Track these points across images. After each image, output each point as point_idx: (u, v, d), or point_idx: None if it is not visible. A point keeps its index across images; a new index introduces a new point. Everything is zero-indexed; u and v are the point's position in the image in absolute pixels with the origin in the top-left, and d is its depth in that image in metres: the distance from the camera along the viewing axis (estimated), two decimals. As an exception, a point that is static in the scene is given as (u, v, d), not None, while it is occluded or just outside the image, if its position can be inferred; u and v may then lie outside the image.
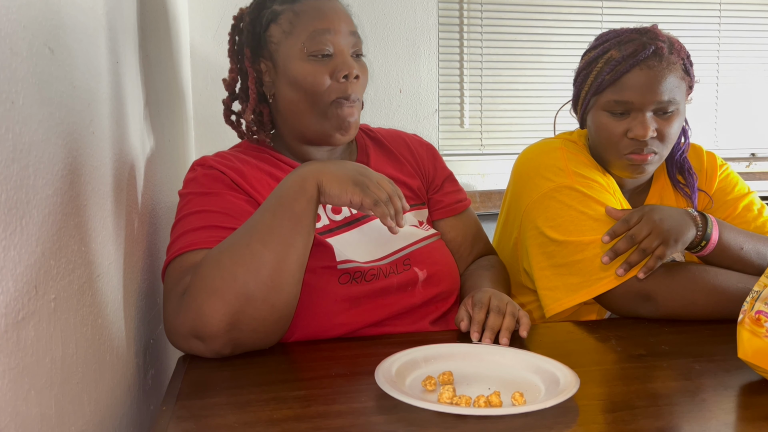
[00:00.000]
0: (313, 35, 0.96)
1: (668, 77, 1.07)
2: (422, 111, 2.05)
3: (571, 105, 1.23)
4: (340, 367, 0.81)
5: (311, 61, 0.96)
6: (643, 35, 1.10)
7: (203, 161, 0.97)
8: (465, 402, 0.68)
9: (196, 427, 0.66)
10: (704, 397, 0.72)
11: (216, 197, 0.91)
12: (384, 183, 0.84)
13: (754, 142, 2.38)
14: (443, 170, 1.18)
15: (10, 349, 0.51)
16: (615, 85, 1.08)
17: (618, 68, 1.08)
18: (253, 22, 1.01)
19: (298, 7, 0.97)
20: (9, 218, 0.51)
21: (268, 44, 0.99)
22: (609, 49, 1.11)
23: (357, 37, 1.00)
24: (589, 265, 1.03)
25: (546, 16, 2.15)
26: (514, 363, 0.79)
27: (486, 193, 1.87)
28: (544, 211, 1.09)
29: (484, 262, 1.15)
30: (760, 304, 0.75)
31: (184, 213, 0.91)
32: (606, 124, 1.10)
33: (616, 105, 1.08)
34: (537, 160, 1.16)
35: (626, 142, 1.09)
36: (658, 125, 1.08)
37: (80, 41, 0.72)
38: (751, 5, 2.30)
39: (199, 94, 1.81)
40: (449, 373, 0.75)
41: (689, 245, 1.03)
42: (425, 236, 1.05)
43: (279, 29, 0.98)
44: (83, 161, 0.70)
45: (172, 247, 0.88)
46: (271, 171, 0.99)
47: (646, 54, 1.07)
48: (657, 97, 1.06)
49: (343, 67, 0.96)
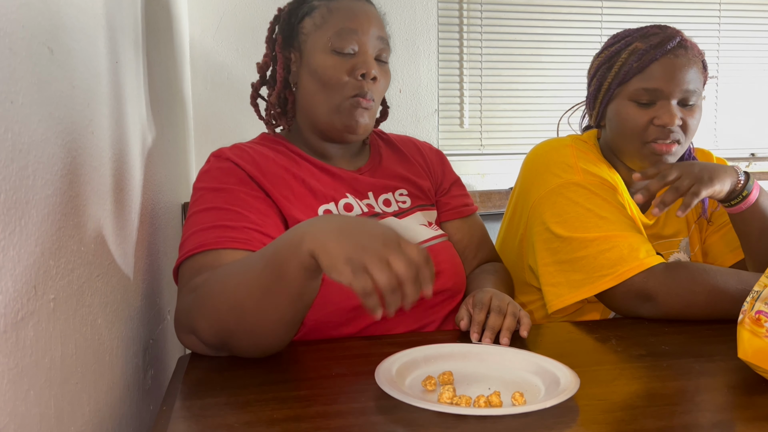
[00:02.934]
0: (341, 32, 0.99)
1: (693, 68, 1.10)
2: (422, 111, 2.05)
3: (587, 102, 1.23)
4: (340, 367, 0.81)
5: (334, 55, 0.99)
6: (665, 29, 1.14)
7: (219, 153, 0.99)
8: (465, 402, 0.68)
9: (196, 427, 0.65)
10: (704, 397, 0.72)
11: (227, 193, 0.92)
12: (400, 253, 0.65)
13: (754, 142, 2.38)
14: (451, 174, 1.21)
15: (9, 349, 0.51)
16: (643, 73, 1.10)
17: (645, 57, 1.10)
18: (291, 13, 1.06)
19: (333, 5, 1.01)
20: (8, 218, 0.51)
21: (299, 35, 1.04)
22: (632, 42, 1.13)
23: (384, 43, 1.04)
24: (592, 262, 1.03)
25: (546, 16, 2.15)
26: (515, 363, 0.79)
27: (486, 193, 1.87)
28: (550, 207, 1.10)
29: (489, 267, 1.16)
30: (760, 304, 0.75)
31: (195, 209, 0.93)
32: (631, 113, 1.11)
33: (644, 93, 1.10)
34: (546, 157, 1.16)
35: (651, 130, 1.11)
36: (683, 115, 1.10)
37: (80, 41, 0.72)
38: (751, 5, 2.30)
39: (198, 94, 1.81)
40: (449, 373, 0.75)
41: (728, 196, 1.05)
42: (434, 236, 1.06)
43: (311, 22, 1.02)
44: (83, 161, 0.70)
45: (183, 246, 0.89)
46: (287, 165, 1.01)
47: (674, 44, 1.10)
48: (684, 86, 1.09)
49: (363, 66, 0.99)
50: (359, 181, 1.07)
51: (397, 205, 1.08)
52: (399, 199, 1.09)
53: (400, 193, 1.10)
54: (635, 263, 1.01)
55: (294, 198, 0.97)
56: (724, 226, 1.25)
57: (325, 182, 1.03)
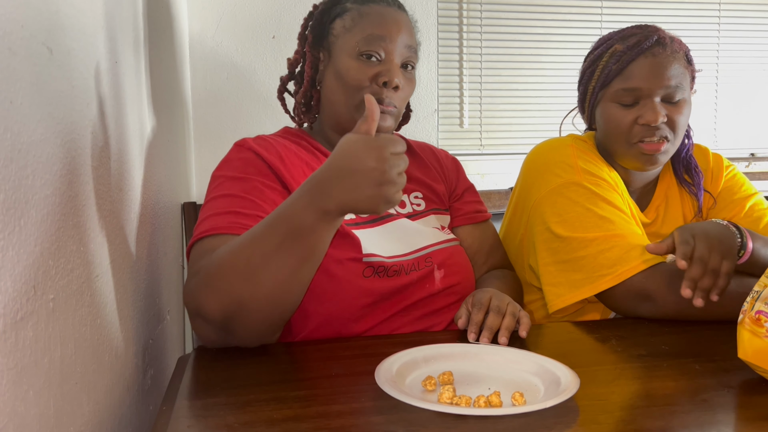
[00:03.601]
0: (369, 38, 1.00)
1: (673, 64, 1.10)
2: (422, 111, 2.05)
3: (578, 106, 1.23)
4: (340, 367, 0.81)
5: (360, 60, 1.01)
6: (644, 29, 1.14)
7: (243, 143, 1.00)
8: (465, 402, 0.68)
9: (196, 427, 0.65)
10: (704, 397, 0.72)
11: (245, 182, 0.93)
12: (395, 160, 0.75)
13: (754, 142, 2.38)
14: (465, 181, 1.22)
15: (9, 349, 0.51)
16: (622, 75, 1.11)
17: (623, 58, 1.10)
18: (323, 12, 1.07)
19: (365, 9, 1.02)
20: (7, 218, 0.51)
21: (329, 35, 1.05)
22: (612, 44, 1.14)
23: (412, 52, 1.05)
24: (592, 262, 1.03)
25: (546, 16, 2.15)
26: (514, 363, 0.79)
27: (486, 193, 1.87)
28: (551, 207, 1.10)
29: (497, 272, 1.17)
30: (760, 304, 0.75)
31: (213, 195, 0.94)
32: (615, 115, 1.12)
33: (625, 93, 1.10)
34: (547, 157, 1.17)
35: (637, 130, 1.11)
36: (668, 112, 1.10)
37: (79, 41, 0.71)
38: (751, 5, 2.30)
39: (198, 94, 1.80)
40: (449, 373, 0.75)
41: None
42: (447, 239, 1.08)
43: (342, 24, 1.03)
44: (82, 161, 0.70)
45: (197, 228, 0.91)
46: (307, 159, 1.03)
47: (650, 43, 1.10)
48: (664, 82, 1.08)
49: (387, 73, 1.00)
50: None
51: (411, 207, 1.10)
52: (414, 202, 1.11)
53: (416, 195, 1.12)
54: (635, 263, 1.01)
55: None
56: None
57: None
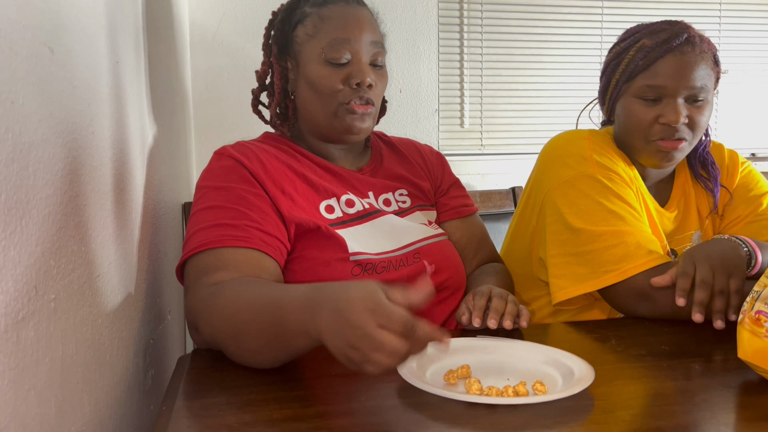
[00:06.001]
0: (333, 43, 0.99)
1: (701, 64, 1.08)
2: (422, 111, 2.05)
3: (598, 97, 1.23)
4: (340, 367, 0.80)
5: (328, 65, 1.00)
6: (674, 26, 1.13)
7: (222, 151, 1.00)
8: (495, 393, 0.69)
9: (196, 427, 0.65)
10: (704, 397, 0.72)
11: (229, 192, 0.93)
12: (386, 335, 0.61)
13: (754, 142, 2.38)
14: (450, 176, 1.22)
15: (10, 349, 0.51)
16: (648, 71, 1.09)
17: (651, 54, 1.09)
18: (284, 21, 1.05)
19: (325, 12, 1.01)
20: (9, 218, 0.51)
21: (293, 44, 1.04)
22: (640, 39, 1.13)
23: (379, 47, 1.04)
24: (598, 257, 1.03)
25: (546, 16, 2.15)
26: (528, 355, 0.81)
27: (486, 193, 1.86)
28: (562, 198, 1.10)
29: (489, 268, 1.16)
30: (760, 304, 0.75)
31: (198, 207, 0.94)
32: (637, 110, 1.11)
33: (649, 90, 1.09)
34: (562, 148, 1.16)
35: (657, 128, 1.10)
36: (690, 113, 1.09)
37: (80, 41, 0.72)
38: (751, 5, 2.30)
39: (199, 94, 1.81)
40: (467, 366, 0.76)
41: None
42: (434, 234, 1.08)
43: (304, 31, 1.02)
44: (83, 161, 0.70)
45: (186, 245, 0.91)
46: (289, 162, 1.02)
47: (680, 41, 1.09)
48: (690, 83, 1.07)
49: (358, 74, 0.99)
50: (360, 180, 1.08)
51: (397, 205, 1.09)
52: (399, 199, 1.11)
53: (400, 193, 1.12)
54: (639, 261, 1.01)
55: (296, 194, 0.98)
56: (738, 221, 1.24)
57: (326, 179, 1.04)
